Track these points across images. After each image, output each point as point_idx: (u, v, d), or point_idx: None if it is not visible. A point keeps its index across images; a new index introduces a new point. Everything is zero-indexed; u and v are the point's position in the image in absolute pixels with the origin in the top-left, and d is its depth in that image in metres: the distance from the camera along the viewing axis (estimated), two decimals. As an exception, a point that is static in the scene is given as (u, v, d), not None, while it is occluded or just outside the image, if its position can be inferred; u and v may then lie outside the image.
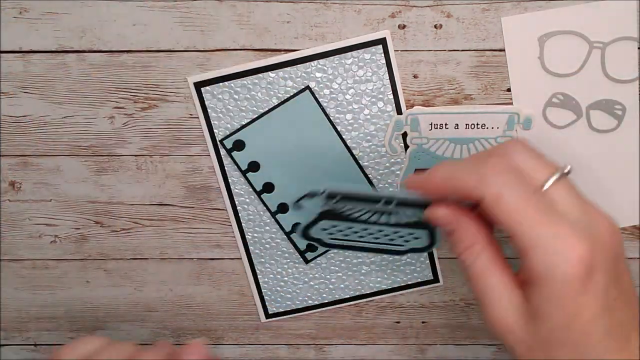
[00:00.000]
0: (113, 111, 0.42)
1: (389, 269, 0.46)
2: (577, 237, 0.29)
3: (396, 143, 0.42)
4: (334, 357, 0.49)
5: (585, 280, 0.29)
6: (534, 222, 0.29)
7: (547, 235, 0.29)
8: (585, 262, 0.29)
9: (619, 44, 0.40)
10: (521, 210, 0.29)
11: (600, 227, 0.30)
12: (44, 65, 0.41)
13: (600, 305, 0.29)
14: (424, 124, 0.41)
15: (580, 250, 0.29)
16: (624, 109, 0.41)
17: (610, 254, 0.30)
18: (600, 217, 0.31)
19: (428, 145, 0.41)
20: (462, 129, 0.41)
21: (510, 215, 0.29)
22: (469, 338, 0.48)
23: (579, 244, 0.29)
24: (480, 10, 0.39)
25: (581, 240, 0.29)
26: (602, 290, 0.29)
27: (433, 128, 0.41)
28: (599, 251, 0.29)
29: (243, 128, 0.42)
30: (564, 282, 0.29)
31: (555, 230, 0.29)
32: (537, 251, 0.29)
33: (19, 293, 0.47)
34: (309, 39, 0.40)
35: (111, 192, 0.44)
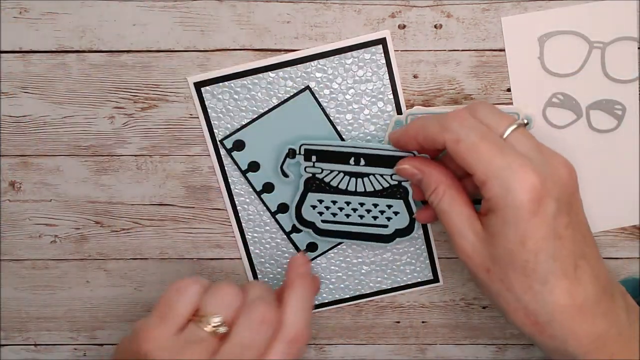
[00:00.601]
0: (113, 111, 0.42)
1: (389, 269, 0.46)
2: (530, 168, 0.32)
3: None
4: (334, 357, 0.49)
5: (536, 206, 0.32)
6: (490, 157, 0.33)
7: (502, 167, 0.32)
8: (536, 190, 0.32)
9: (619, 44, 0.40)
10: (478, 148, 0.33)
11: (554, 164, 0.34)
12: (44, 65, 0.41)
13: (548, 229, 0.33)
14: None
15: (532, 179, 0.32)
16: (624, 109, 0.41)
17: (563, 187, 0.33)
18: (555, 156, 0.35)
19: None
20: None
21: (469, 154, 0.33)
22: (469, 338, 0.48)
23: (532, 174, 0.32)
24: (480, 10, 0.39)
25: (534, 172, 0.32)
26: (552, 217, 0.33)
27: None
28: (551, 183, 0.33)
29: (243, 128, 0.42)
30: (516, 207, 0.32)
31: (510, 162, 0.32)
32: (493, 182, 0.33)
33: (19, 293, 0.47)
34: (309, 39, 0.40)
35: (111, 192, 0.44)
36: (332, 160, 0.41)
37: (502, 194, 0.33)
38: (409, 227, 0.42)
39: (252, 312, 0.35)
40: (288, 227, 0.44)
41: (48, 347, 0.49)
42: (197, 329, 0.35)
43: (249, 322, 0.35)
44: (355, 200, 0.42)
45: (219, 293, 0.36)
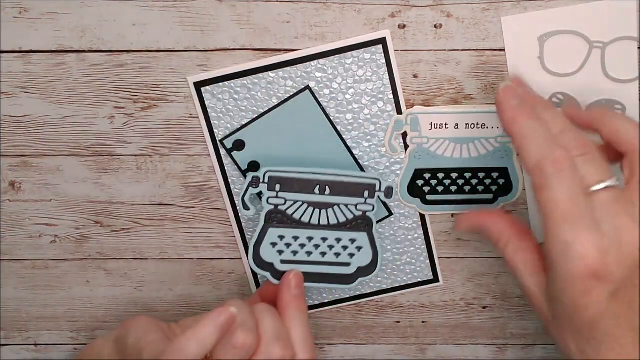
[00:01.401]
0: (113, 111, 0.42)
1: (389, 269, 0.46)
2: (593, 243, 0.32)
3: (396, 143, 0.42)
4: (334, 357, 0.49)
5: (589, 283, 0.32)
6: (563, 218, 0.33)
7: (568, 234, 0.32)
8: (592, 268, 0.32)
9: (619, 44, 0.40)
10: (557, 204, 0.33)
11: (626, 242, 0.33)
12: (44, 65, 0.41)
13: (602, 307, 0.32)
14: (424, 123, 0.41)
15: (591, 256, 0.32)
16: (624, 109, 0.41)
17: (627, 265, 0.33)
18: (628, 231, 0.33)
19: (428, 145, 0.41)
20: (462, 128, 0.41)
21: (546, 205, 0.33)
22: (469, 338, 0.48)
23: (592, 250, 0.32)
24: (480, 10, 0.39)
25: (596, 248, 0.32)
26: (607, 296, 0.32)
27: (433, 128, 0.41)
28: (614, 263, 0.32)
29: (243, 128, 0.42)
30: (570, 279, 0.33)
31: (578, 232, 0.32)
32: (555, 244, 0.33)
33: (19, 293, 0.47)
34: (309, 39, 0.40)
35: (111, 192, 0.44)
36: (296, 189, 0.40)
37: (561, 256, 0.33)
38: (372, 265, 0.42)
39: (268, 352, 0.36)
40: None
41: (48, 347, 0.49)
42: None
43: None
44: (317, 235, 0.41)
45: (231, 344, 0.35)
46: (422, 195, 0.43)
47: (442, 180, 0.42)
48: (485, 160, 0.42)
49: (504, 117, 0.36)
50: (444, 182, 0.42)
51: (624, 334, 0.33)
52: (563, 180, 0.33)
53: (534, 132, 0.34)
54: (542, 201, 0.34)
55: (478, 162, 0.42)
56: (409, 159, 0.42)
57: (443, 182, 0.42)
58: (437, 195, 0.43)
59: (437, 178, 0.42)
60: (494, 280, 0.46)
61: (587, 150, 0.34)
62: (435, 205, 0.43)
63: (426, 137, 0.41)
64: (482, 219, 0.39)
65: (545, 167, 0.33)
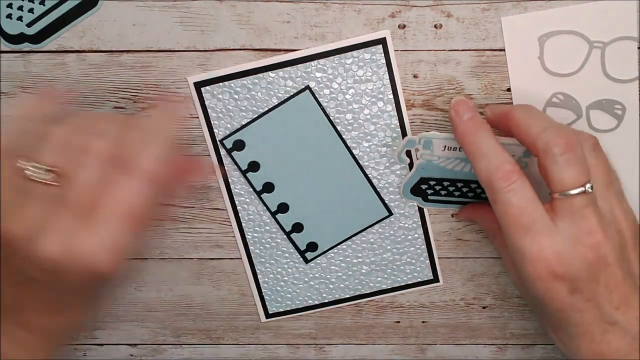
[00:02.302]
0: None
1: (389, 269, 0.46)
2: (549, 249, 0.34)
3: (404, 155, 0.42)
4: (334, 357, 0.49)
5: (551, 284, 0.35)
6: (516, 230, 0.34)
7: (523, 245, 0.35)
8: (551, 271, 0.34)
9: (619, 44, 0.40)
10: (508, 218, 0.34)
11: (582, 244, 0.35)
12: (44, 65, 0.41)
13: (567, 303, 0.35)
14: (438, 145, 0.40)
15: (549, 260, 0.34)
16: (624, 109, 0.41)
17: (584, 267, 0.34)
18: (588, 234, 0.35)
19: (438, 161, 0.41)
20: None
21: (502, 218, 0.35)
22: (469, 338, 0.48)
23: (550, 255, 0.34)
24: (480, 10, 0.39)
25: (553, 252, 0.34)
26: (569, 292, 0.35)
27: (446, 149, 0.40)
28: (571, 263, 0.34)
29: (243, 128, 0.42)
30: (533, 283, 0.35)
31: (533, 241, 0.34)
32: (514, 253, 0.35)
33: (19, 293, 0.47)
34: (309, 39, 0.40)
35: (111, 192, 0.44)
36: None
37: (521, 264, 0.35)
38: None
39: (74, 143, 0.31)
40: (288, 227, 0.44)
41: (48, 347, 0.49)
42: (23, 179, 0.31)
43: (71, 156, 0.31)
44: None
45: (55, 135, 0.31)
46: (424, 195, 0.43)
47: (447, 187, 0.42)
48: None
49: (455, 132, 0.37)
50: (448, 188, 0.42)
51: (591, 325, 0.35)
52: (514, 193, 0.34)
53: (482, 147, 0.35)
54: (497, 213, 0.35)
55: None
56: (416, 169, 0.41)
57: (447, 188, 0.42)
58: (439, 197, 0.43)
59: (442, 185, 0.42)
60: (494, 280, 0.46)
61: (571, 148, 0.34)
62: (436, 203, 0.43)
63: (438, 155, 0.41)
64: (475, 213, 0.42)
65: (495, 183, 0.34)
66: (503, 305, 0.47)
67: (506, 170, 0.34)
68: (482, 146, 0.35)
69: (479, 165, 0.35)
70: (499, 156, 0.35)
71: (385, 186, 0.43)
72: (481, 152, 0.35)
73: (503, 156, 0.35)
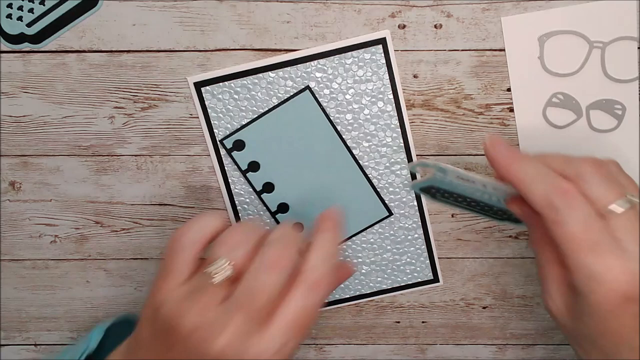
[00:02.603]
0: (113, 111, 0.42)
1: (389, 269, 0.46)
2: (620, 269, 0.31)
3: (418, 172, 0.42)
4: (334, 357, 0.49)
5: (619, 308, 0.31)
6: (583, 251, 0.32)
7: (591, 264, 0.31)
8: (623, 294, 0.31)
9: (619, 44, 0.40)
10: (576, 239, 0.32)
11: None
12: (44, 65, 0.41)
13: (632, 328, 0.32)
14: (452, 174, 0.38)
15: (620, 283, 0.31)
16: (624, 109, 0.41)
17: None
18: None
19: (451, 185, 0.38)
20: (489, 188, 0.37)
21: (566, 241, 0.32)
22: (469, 338, 0.48)
23: (621, 277, 0.31)
24: (480, 10, 0.39)
25: (624, 274, 0.31)
26: (634, 317, 0.32)
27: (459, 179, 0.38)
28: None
29: (243, 128, 0.42)
30: (599, 306, 0.32)
31: (601, 260, 0.31)
32: (580, 275, 0.32)
33: (19, 293, 0.47)
34: (309, 39, 0.40)
35: (111, 192, 0.44)
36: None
37: (587, 289, 0.32)
38: None
39: (265, 255, 0.33)
40: None
41: (48, 347, 0.49)
42: (203, 276, 0.33)
43: (259, 265, 0.33)
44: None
45: (231, 234, 0.34)
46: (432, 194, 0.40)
47: (457, 198, 0.40)
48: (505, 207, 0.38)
49: (499, 166, 0.35)
50: (457, 200, 0.40)
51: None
52: (576, 209, 0.32)
53: (534, 171, 0.34)
54: (559, 236, 0.32)
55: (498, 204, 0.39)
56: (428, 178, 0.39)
57: (457, 199, 0.40)
58: (447, 202, 0.41)
59: (453, 196, 0.40)
60: (494, 280, 0.46)
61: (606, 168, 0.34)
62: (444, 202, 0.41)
63: (451, 180, 0.38)
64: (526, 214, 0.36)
65: (554, 201, 0.32)
66: (503, 306, 0.47)
67: (565, 188, 0.32)
68: (531, 170, 0.33)
69: (533, 189, 0.33)
70: (554, 176, 0.33)
71: (385, 186, 0.43)
72: (532, 177, 0.33)
73: (557, 176, 0.33)
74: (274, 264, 0.33)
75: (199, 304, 0.32)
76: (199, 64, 0.41)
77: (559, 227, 0.32)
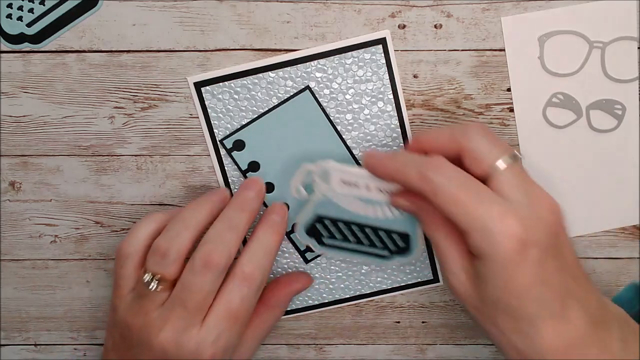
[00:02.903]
0: (113, 111, 0.42)
1: (389, 269, 0.46)
2: (511, 215, 0.32)
3: (303, 188, 0.41)
4: (334, 357, 0.49)
5: (519, 254, 0.32)
6: (469, 208, 0.33)
7: (482, 217, 0.32)
8: (518, 238, 0.32)
9: (619, 44, 0.40)
10: (457, 199, 0.33)
11: (539, 207, 0.34)
12: (44, 65, 0.41)
13: (533, 276, 0.33)
14: (335, 178, 0.39)
15: (514, 228, 0.32)
16: (624, 109, 0.41)
17: (547, 232, 0.33)
18: (541, 198, 0.34)
19: (336, 199, 0.39)
20: (373, 191, 0.39)
21: (448, 206, 0.33)
22: (469, 338, 0.48)
23: (513, 222, 0.32)
24: (480, 10, 0.39)
25: (515, 219, 0.32)
26: (536, 264, 0.33)
27: (344, 184, 0.39)
28: (534, 229, 0.33)
29: (243, 128, 0.42)
30: (499, 257, 0.32)
31: (490, 212, 0.32)
32: (474, 234, 0.33)
33: (19, 293, 0.47)
34: (309, 39, 0.40)
35: (111, 192, 0.44)
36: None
37: (484, 244, 0.33)
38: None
39: (198, 255, 0.37)
40: (288, 227, 0.44)
41: (48, 347, 0.49)
42: (143, 284, 0.38)
43: (192, 266, 0.37)
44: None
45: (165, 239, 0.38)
46: (318, 237, 0.41)
47: (341, 230, 0.41)
48: (389, 222, 0.40)
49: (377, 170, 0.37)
50: (343, 232, 0.41)
51: (555, 302, 0.33)
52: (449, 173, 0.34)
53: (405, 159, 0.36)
54: (445, 203, 0.33)
55: (382, 223, 0.40)
56: (313, 205, 0.40)
57: (342, 231, 0.41)
58: (334, 241, 0.41)
59: (337, 226, 0.41)
60: (494, 280, 0.46)
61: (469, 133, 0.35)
62: (331, 249, 0.42)
63: (334, 191, 0.39)
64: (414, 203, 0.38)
65: (428, 174, 0.34)
66: (503, 305, 0.47)
67: (434, 162, 0.34)
68: (402, 159, 0.36)
69: (408, 173, 0.35)
70: (423, 158, 0.35)
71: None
72: (405, 164, 0.35)
73: (426, 157, 0.35)
74: (207, 264, 0.36)
75: (143, 308, 0.38)
76: (199, 64, 0.41)
77: (441, 195, 0.33)
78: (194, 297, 0.37)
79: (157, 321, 0.37)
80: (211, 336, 0.37)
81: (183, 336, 0.37)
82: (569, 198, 0.43)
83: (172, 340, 0.37)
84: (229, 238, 0.38)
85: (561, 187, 0.43)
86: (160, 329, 0.37)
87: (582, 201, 0.43)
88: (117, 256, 0.40)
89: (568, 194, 0.43)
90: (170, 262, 0.37)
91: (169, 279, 0.37)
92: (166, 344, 0.37)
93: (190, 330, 0.37)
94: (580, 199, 0.43)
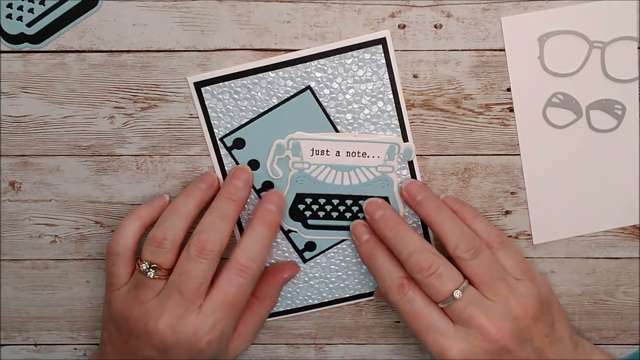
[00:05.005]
0: (113, 111, 0.42)
1: (389, 269, 0.46)
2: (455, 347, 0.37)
3: (277, 166, 0.42)
4: (334, 357, 0.49)
5: None
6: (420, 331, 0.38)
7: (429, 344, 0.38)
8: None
9: (619, 44, 0.40)
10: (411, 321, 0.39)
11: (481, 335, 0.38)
12: (44, 65, 0.41)
13: None
14: (306, 149, 0.41)
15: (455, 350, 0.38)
16: (624, 109, 0.41)
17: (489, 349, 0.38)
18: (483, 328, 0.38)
19: (309, 170, 0.42)
20: (343, 156, 0.41)
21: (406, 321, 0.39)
22: (469, 338, 0.48)
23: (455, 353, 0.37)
24: (480, 10, 0.39)
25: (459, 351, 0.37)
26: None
27: (314, 154, 0.41)
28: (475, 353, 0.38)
29: (243, 127, 0.42)
30: None
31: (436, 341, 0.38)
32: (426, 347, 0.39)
33: (19, 293, 0.47)
34: (309, 39, 0.40)
35: (111, 192, 0.44)
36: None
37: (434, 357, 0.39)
38: None
39: (192, 245, 0.38)
40: (287, 227, 0.44)
41: (48, 347, 0.49)
42: (140, 274, 0.39)
43: (187, 255, 0.38)
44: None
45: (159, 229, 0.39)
46: (303, 219, 0.43)
47: (324, 206, 0.43)
48: (366, 188, 0.42)
49: (359, 254, 0.42)
50: (325, 208, 0.43)
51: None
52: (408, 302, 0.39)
53: (378, 267, 0.40)
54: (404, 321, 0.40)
55: (359, 189, 0.42)
56: (290, 183, 0.42)
57: (324, 207, 0.43)
58: (319, 220, 0.43)
59: (319, 203, 0.43)
60: (494, 280, 0.46)
61: (433, 269, 0.38)
62: (317, 230, 0.44)
63: (307, 162, 0.41)
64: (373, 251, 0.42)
65: (391, 297, 0.39)
66: (503, 305, 0.47)
67: (397, 285, 0.39)
68: (378, 266, 0.40)
69: (380, 284, 0.41)
70: (393, 273, 0.40)
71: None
72: (378, 273, 0.40)
73: (396, 272, 0.39)
74: (202, 251, 0.38)
75: (139, 298, 0.39)
76: (199, 64, 0.41)
77: (402, 316, 0.39)
78: (190, 283, 0.38)
79: (154, 309, 0.38)
80: (208, 323, 0.38)
81: (180, 322, 0.38)
82: (569, 198, 0.43)
83: (170, 327, 0.38)
84: (221, 226, 0.39)
85: (561, 187, 0.43)
86: (158, 317, 0.38)
87: (582, 201, 0.43)
88: (108, 254, 0.41)
89: (568, 194, 0.43)
90: (166, 251, 0.39)
91: (165, 267, 0.39)
92: (164, 330, 0.38)
93: (188, 316, 0.38)
94: (580, 199, 0.43)
